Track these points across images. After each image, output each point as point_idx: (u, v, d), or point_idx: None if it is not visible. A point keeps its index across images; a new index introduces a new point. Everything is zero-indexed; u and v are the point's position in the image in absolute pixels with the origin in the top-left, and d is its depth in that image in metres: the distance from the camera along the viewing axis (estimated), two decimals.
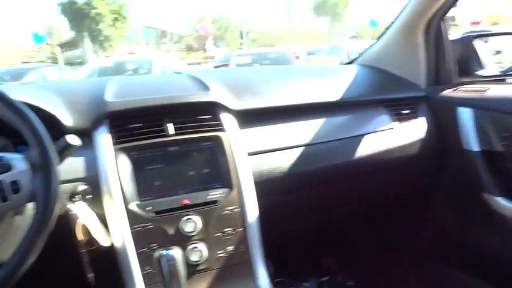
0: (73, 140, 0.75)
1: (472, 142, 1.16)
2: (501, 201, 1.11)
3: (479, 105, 1.16)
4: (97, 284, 0.89)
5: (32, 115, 0.68)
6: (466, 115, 1.18)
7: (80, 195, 0.86)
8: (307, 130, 1.11)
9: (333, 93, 1.19)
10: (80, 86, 1.13)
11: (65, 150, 0.73)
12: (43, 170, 0.66)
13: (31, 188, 0.66)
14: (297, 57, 11.93)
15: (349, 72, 1.34)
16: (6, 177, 0.65)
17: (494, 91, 1.16)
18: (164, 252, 0.76)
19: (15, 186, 0.65)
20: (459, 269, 1.35)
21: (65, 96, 0.98)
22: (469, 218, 1.28)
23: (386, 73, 1.38)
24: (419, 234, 1.49)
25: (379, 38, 1.47)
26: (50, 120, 0.72)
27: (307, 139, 1.10)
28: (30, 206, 0.83)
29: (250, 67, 5.53)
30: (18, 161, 0.66)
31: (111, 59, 9.63)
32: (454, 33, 1.72)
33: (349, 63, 1.61)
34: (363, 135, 1.16)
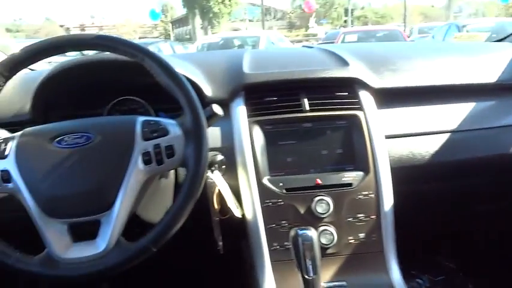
0: (218, 109, 0.75)
1: None
2: None
3: None
4: (225, 253, 0.91)
5: (188, 84, 0.69)
6: None
7: (217, 165, 0.87)
8: (454, 115, 0.98)
9: (486, 74, 1.04)
10: (217, 58, 1.14)
11: (210, 119, 0.73)
12: (195, 137, 0.67)
13: (183, 154, 0.67)
14: (408, 36, 11.08)
15: (505, 51, 1.15)
16: (162, 141, 0.67)
17: None
18: (301, 231, 0.74)
19: (169, 150, 0.67)
20: None
21: (204, 67, 1.00)
22: None
23: None
24: None
25: None
26: (194, 90, 0.73)
27: (453, 125, 0.97)
28: (173, 171, 0.88)
29: (387, 42, 5.23)
30: (173, 127, 0.68)
31: (219, 35, 9.99)
32: None
33: (499, 40, 1.39)
34: None
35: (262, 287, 0.84)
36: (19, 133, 0.68)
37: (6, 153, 0.65)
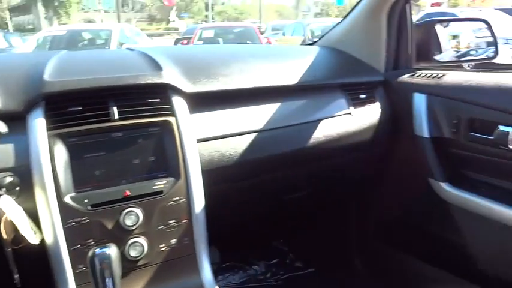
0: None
1: (424, 128, 1.16)
2: (446, 187, 1.13)
3: (434, 92, 1.15)
4: (24, 284, 0.81)
5: None
6: (420, 101, 1.17)
7: (5, 188, 0.76)
8: (261, 115, 1.06)
9: (292, 76, 1.14)
10: (18, 62, 1.00)
11: None
12: None
13: None
14: (262, 33, 11.77)
15: (310, 54, 1.29)
16: None
17: (449, 78, 1.15)
18: (98, 250, 0.69)
19: None
20: (402, 249, 1.39)
21: None
22: (415, 203, 1.30)
23: (347, 56, 1.34)
24: (366, 216, 1.53)
25: (343, 19, 1.41)
26: None
27: (261, 125, 1.04)
28: None
29: (209, 45, 5.39)
30: None
31: (65, 27, 9.02)
32: (415, 14, 1.69)
33: (311, 44, 1.55)
34: (318, 120, 1.12)
35: None
36: None
37: None
